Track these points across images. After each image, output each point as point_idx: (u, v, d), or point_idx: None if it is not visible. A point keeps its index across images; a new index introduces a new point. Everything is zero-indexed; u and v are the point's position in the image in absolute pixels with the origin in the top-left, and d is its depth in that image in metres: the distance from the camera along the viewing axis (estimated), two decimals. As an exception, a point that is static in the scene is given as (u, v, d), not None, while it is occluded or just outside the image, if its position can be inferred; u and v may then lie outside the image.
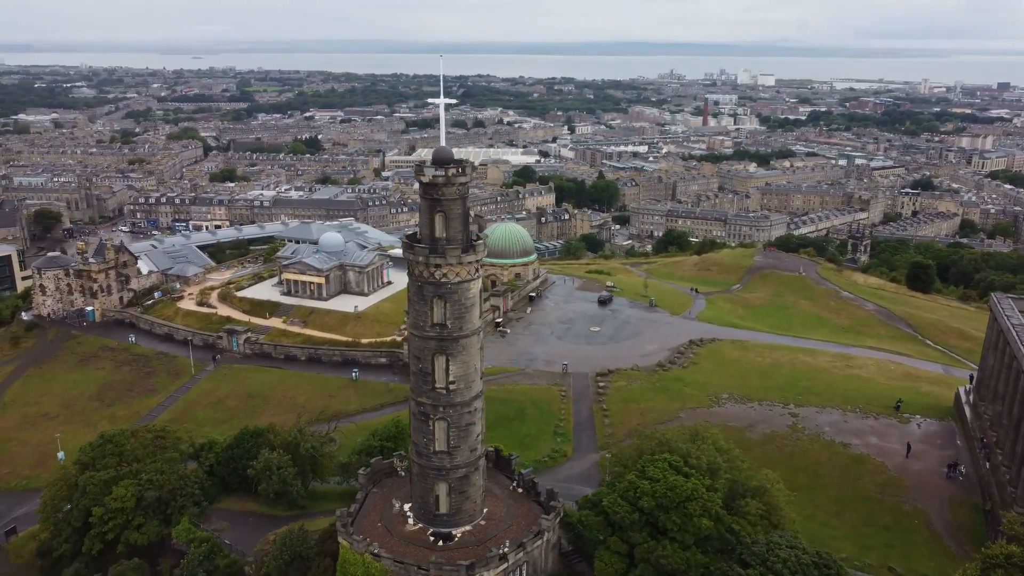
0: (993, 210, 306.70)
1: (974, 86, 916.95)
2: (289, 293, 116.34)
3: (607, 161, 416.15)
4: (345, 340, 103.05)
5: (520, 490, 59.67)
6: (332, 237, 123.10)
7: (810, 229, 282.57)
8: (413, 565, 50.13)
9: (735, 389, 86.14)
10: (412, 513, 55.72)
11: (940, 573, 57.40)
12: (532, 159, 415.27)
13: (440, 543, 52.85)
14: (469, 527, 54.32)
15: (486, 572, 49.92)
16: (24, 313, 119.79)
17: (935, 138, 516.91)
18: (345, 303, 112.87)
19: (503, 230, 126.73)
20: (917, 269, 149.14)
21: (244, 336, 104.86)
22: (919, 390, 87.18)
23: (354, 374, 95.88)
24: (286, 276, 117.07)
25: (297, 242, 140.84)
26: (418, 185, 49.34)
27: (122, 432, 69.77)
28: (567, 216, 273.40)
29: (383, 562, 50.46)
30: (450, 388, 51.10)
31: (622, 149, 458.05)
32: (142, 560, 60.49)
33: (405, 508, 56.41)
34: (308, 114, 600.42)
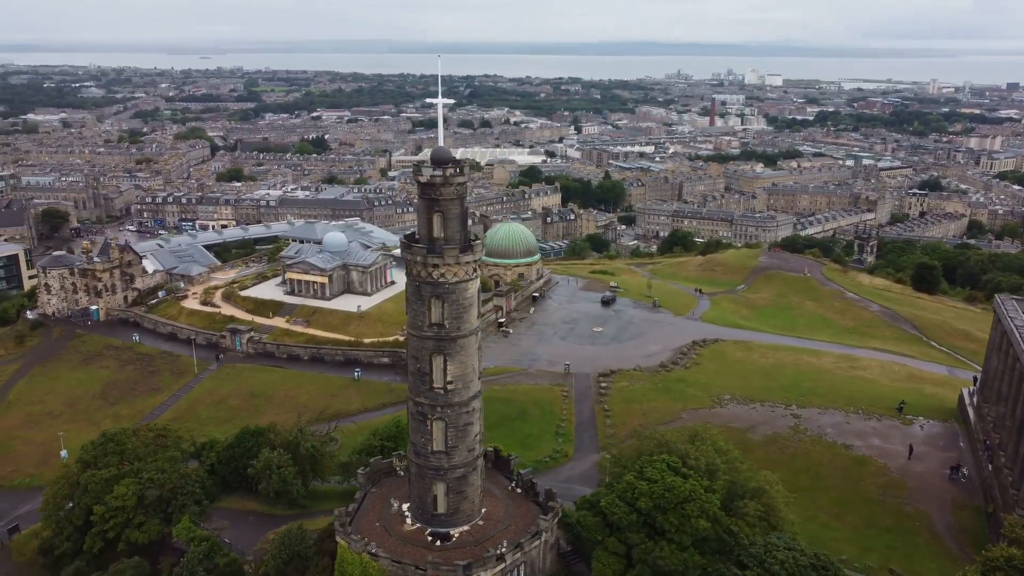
0: (1001, 211, 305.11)
1: (983, 86, 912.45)
2: (293, 293, 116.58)
3: (613, 161, 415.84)
4: (348, 340, 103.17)
5: (519, 490, 59.52)
6: (335, 237, 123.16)
7: (817, 230, 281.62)
8: (410, 565, 50.10)
9: (738, 390, 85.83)
10: (410, 513, 55.68)
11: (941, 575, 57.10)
12: (538, 159, 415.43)
13: (438, 543, 52.79)
14: (467, 527, 54.24)
15: (483, 572, 49.85)
16: (29, 312, 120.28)
17: (943, 139, 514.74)
18: (348, 303, 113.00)
19: (506, 230, 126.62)
20: (923, 270, 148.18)
21: (247, 335, 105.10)
22: (923, 392, 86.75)
23: (356, 374, 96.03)
24: (290, 276, 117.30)
25: (302, 241, 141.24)
26: (416, 185, 49.33)
27: (123, 431, 69.93)
28: (573, 216, 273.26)
29: (381, 562, 50.42)
30: (448, 388, 51.05)
31: (628, 149, 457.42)
32: (143, 558, 60.61)
33: (403, 508, 56.39)
34: (315, 114, 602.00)
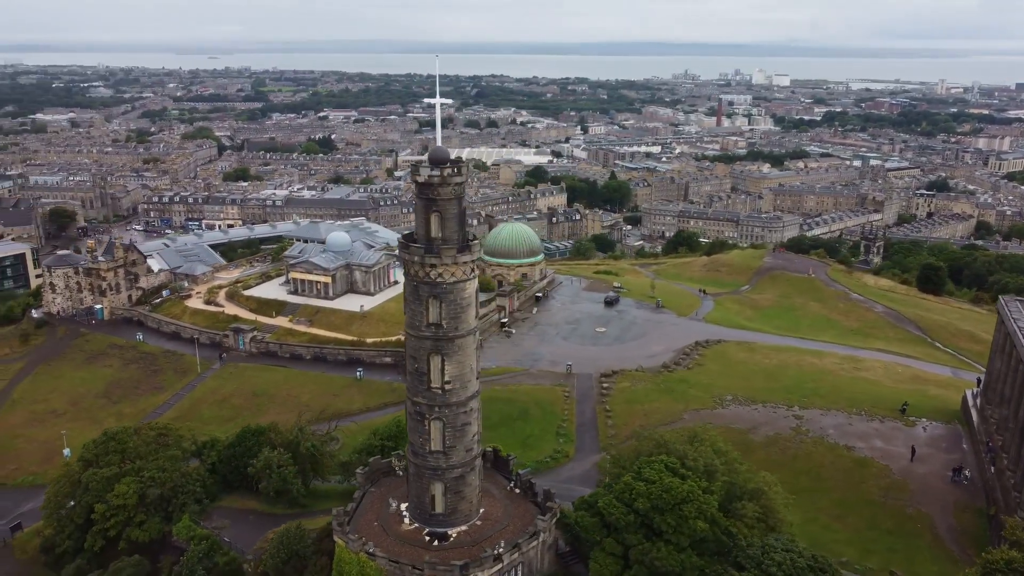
0: (1009, 212, 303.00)
1: (992, 86, 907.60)
2: (296, 292, 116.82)
3: (620, 161, 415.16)
4: (350, 339, 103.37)
5: (517, 491, 59.44)
6: (339, 236, 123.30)
7: (823, 230, 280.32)
8: (408, 564, 50.09)
9: (740, 391, 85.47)
10: (408, 512, 55.69)
11: (942, 578, 56.83)
12: (545, 159, 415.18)
13: (436, 543, 52.79)
14: (465, 527, 54.20)
15: (480, 572, 49.80)
16: (34, 311, 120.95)
17: (951, 139, 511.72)
18: (351, 302, 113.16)
19: (510, 230, 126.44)
20: (928, 271, 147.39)
21: (250, 335, 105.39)
22: (927, 393, 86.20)
23: (358, 373, 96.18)
24: (293, 275, 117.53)
25: (306, 241, 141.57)
26: (414, 185, 49.31)
27: (125, 430, 70.19)
28: (578, 216, 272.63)
29: (378, 561, 50.44)
30: (446, 388, 51.02)
31: (635, 149, 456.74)
32: (143, 557, 60.86)
33: (402, 507, 56.40)
34: (322, 114, 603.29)
